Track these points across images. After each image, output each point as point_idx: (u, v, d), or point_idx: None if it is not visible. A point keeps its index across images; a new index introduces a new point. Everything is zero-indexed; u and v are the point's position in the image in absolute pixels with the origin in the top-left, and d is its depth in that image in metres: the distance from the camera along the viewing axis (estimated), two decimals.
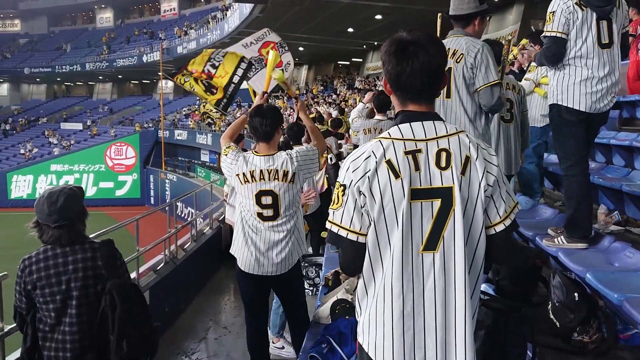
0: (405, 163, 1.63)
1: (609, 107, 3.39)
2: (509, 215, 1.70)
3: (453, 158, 1.63)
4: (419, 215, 1.62)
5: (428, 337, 1.63)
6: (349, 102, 20.65)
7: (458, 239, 1.62)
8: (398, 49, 1.66)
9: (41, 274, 2.53)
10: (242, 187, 3.37)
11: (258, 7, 20.66)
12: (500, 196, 1.69)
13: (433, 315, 1.63)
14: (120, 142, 32.48)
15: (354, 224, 1.66)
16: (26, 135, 41.37)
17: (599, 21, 3.27)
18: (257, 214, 3.37)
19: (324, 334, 3.34)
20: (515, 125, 4.23)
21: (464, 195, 1.63)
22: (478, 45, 3.12)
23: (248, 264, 3.43)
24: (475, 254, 1.67)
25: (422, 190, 1.62)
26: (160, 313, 5.41)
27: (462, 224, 1.62)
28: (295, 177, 3.39)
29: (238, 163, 3.38)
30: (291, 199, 3.41)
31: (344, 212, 1.67)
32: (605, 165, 5.10)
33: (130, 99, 48.39)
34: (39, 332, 2.60)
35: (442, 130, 1.68)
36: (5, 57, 49.07)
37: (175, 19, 45.31)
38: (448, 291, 1.63)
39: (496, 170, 1.68)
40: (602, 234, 3.60)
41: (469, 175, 1.64)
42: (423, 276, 1.63)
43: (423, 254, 1.63)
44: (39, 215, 2.57)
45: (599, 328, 2.77)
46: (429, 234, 1.62)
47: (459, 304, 1.63)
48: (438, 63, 1.67)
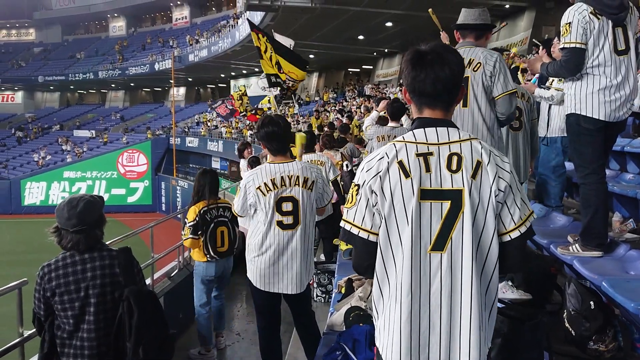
0: (417, 164, 1.67)
1: (628, 115, 3.36)
2: (524, 222, 1.71)
3: (464, 162, 1.67)
4: (428, 215, 1.66)
5: (432, 336, 1.66)
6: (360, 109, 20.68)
7: (466, 241, 1.65)
8: (415, 57, 1.73)
9: (60, 281, 2.57)
10: (264, 199, 3.36)
11: (269, 15, 20.80)
12: (515, 203, 1.70)
13: (438, 315, 1.66)
14: (132, 149, 32.76)
15: (365, 222, 1.72)
16: (40, 143, 41.85)
17: (614, 28, 3.26)
18: (277, 222, 3.38)
19: (337, 341, 3.34)
20: (524, 133, 4.22)
21: (474, 199, 1.66)
22: (495, 55, 3.15)
23: (267, 283, 3.45)
24: (487, 258, 1.69)
25: (432, 192, 1.66)
26: (174, 319, 5.44)
27: (472, 227, 1.65)
28: (313, 186, 3.43)
29: (256, 179, 3.38)
30: (310, 207, 3.44)
31: (356, 211, 1.73)
32: (619, 173, 5.08)
33: (142, 107, 48.83)
34: (57, 338, 2.63)
35: (454, 135, 1.72)
36: (20, 65, 49.81)
37: (186, 27, 45.73)
38: (454, 292, 1.65)
39: (509, 177, 1.70)
40: (617, 242, 3.57)
41: (479, 180, 1.67)
42: (430, 276, 1.66)
43: (431, 253, 1.66)
44: (58, 220, 2.62)
45: (615, 337, 2.76)
46: (437, 234, 1.66)
47: (464, 306, 1.65)
48: (454, 72, 1.71)
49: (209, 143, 31.84)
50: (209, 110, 36.24)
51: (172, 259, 6.42)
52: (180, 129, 36.25)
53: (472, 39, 3.25)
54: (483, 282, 1.69)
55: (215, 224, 4.83)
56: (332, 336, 3.54)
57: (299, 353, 4.10)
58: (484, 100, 3.14)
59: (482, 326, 1.67)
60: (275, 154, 3.46)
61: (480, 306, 1.67)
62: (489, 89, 3.13)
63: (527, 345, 2.40)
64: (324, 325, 3.82)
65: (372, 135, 6.02)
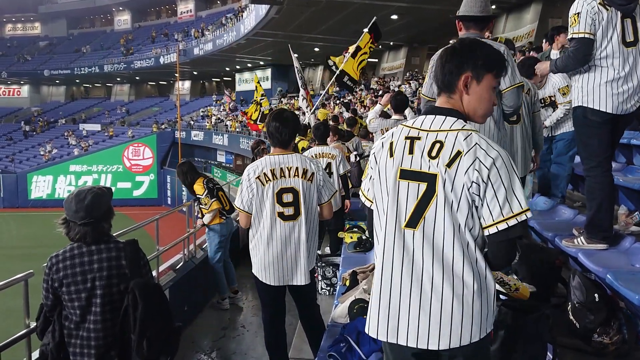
0: (402, 145, 1.83)
1: (636, 107, 3.33)
2: (506, 220, 1.70)
3: (443, 150, 1.75)
4: (405, 193, 1.80)
5: (400, 308, 1.77)
6: (365, 102, 20.65)
7: (439, 221, 1.74)
8: (445, 50, 1.91)
9: (67, 272, 2.59)
10: (262, 189, 3.38)
11: (274, 8, 20.75)
12: (496, 198, 1.70)
13: (408, 287, 1.76)
14: (137, 143, 32.86)
15: (369, 192, 1.95)
16: (46, 137, 42.03)
17: (623, 19, 3.23)
18: (278, 213, 3.39)
19: (342, 334, 3.35)
20: (522, 127, 4.11)
21: (447, 186, 1.73)
22: (502, 47, 3.11)
23: (272, 277, 3.46)
24: (465, 244, 1.73)
25: (410, 172, 1.79)
26: (179, 312, 5.48)
27: (444, 210, 1.73)
28: (314, 178, 3.43)
29: (257, 170, 3.40)
30: (311, 199, 3.44)
31: (366, 182, 1.98)
32: (625, 166, 5.05)
33: (148, 100, 48.90)
34: (64, 329, 2.65)
35: (446, 125, 1.80)
36: (26, 59, 49.93)
37: (191, 20, 45.66)
38: (425, 268, 1.74)
39: (487, 172, 1.70)
40: (622, 235, 3.56)
41: (455, 169, 1.73)
42: (403, 249, 1.78)
43: (405, 230, 1.78)
44: (67, 212, 2.64)
45: (619, 329, 2.75)
46: (412, 212, 1.78)
47: (436, 282, 1.73)
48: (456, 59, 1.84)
49: (214, 136, 31.89)
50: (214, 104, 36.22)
51: (177, 251, 6.45)
52: (185, 123, 36.29)
53: (476, 31, 3.21)
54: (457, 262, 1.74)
55: (217, 190, 5.98)
56: (336, 328, 3.55)
57: (303, 345, 4.12)
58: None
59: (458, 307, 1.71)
60: (276, 146, 3.48)
61: (451, 285, 1.72)
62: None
63: (530, 337, 2.40)
64: (328, 317, 3.83)
65: (375, 129, 6.01)
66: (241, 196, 3.43)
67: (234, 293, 6.37)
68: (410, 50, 27.27)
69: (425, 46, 27.21)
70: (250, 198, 3.40)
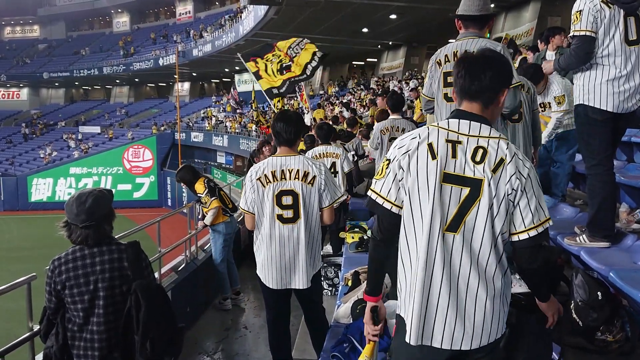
0: (444, 149, 1.82)
1: (637, 106, 3.33)
2: (536, 227, 1.83)
3: (488, 156, 1.80)
4: (447, 197, 1.80)
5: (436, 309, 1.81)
6: (364, 101, 20.65)
7: (479, 226, 1.79)
8: (464, 57, 1.94)
9: (70, 274, 2.59)
10: (263, 191, 3.38)
11: (273, 8, 20.74)
12: (529, 207, 1.82)
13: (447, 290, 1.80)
14: (137, 145, 32.85)
15: (391, 194, 1.89)
16: (45, 139, 42.05)
17: (626, 18, 3.22)
18: (277, 216, 3.38)
19: (345, 334, 3.35)
20: (524, 125, 4.14)
21: (492, 191, 1.79)
22: (499, 46, 3.11)
23: (271, 280, 3.46)
24: (497, 246, 1.82)
25: (454, 176, 1.80)
26: (182, 313, 5.48)
27: (486, 215, 1.79)
28: (315, 181, 3.40)
29: (259, 171, 3.40)
30: (311, 202, 3.41)
31: (384, 183, 1.90)
32: (626, 164, 5.05)
33: (147, 102, 48.93)
34: (67, 331, 2.65)
35: (485, 132, 1.85)
36: (25, 62, 49.94)
37: (190, 22, 45.67)
38: (462, 271, 1.80)
39: (524, 181, 1.81)
40: (624, 233, 3.56)
41: (499, 175, 1.80)
42: (444, 253, 1.80)
43: (446, 233, 1.80)
44: (68, 215, 2.64)
45: (622, 327, 2.75)
46: (453, 216, 1.80)
47: (471, 285, 1.79)
48: (494, 75, 1.86)
49: (214, 138, 31.88)
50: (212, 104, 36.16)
51: (178, 253, 6.45)
52: (184, 124, 36.28)
53: (475, 29, 3.20)
54: (491, 265, 1.82)
55: (218, 189, 6.10)
56: (339, 328, 3.55)
57: (306, 345, 4.13)
58: None
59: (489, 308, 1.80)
60: (281, 145, 3.48)
61: (485, 287, 1.80)
62: None
63: (535, 336, 2.41)
64: (330, 317, 3.83)
65: (377, 134, 5.94)
66: (245, 197, 3.44)
67: (236, 294, 6.39)
68: (409, 50, 27.27)
69: (424, 45, 27.21)
70: (253, 199, 3.40)
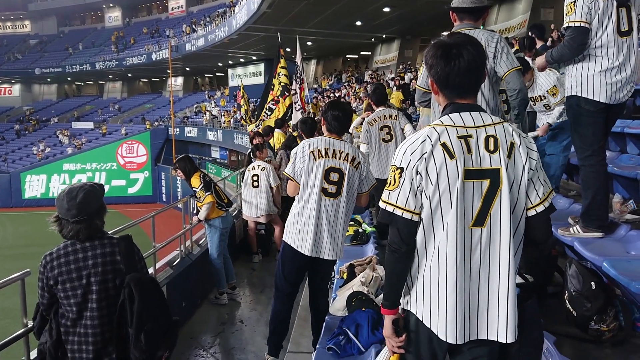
0: (459, 146, 1.80)
1: (628, 97, 3.35)
2: (547, 197, 1.86)
3: (500, 143, 1.81)
4: (471, 193, 1.79)
5: (473, 305, 1.81)
6: (359, 94, 20.62)
7: (504, 215, 1.80)
8: (444, 52, 1.82)
9: (62, 269, 2.58)
10: (314, 163, 3.56)
11: (265, 2, 20.63)
12: (539, 180, 1.86)
13: (477, 285, 1.81)
14: (131, 140, 32.74)
15: (409, 203, 1.82)
16: (38, 135, 41.80)
17: (618, 9, 3.22)
18: (322, 189, 3.57)
19: (340, 326, 3.37)
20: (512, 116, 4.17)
21: (510, 177, 1.80)
22: (496, 35, 3.12)
23: (306, 246, 3.59)
24: (517, 231, 1.84)
25: (474, 171, 1.79)
26: (177, 308, 5.47)
27: (508, 202, 1.79)
28: (359, 166, 3.63)
29: (312, 144, 3.61)
30: (353, 182, 3.63)
31: (400, 193, 1.83)
32: (619, 154, 5.08)
33: (140, 97, 48.68)
34: (61, 326, 2.64)
35: (487, 119, 1.85)
36: (17, 58, 49.57)
37: (183, 16, 45.42)
38: (492, 263, 1.80)
39: (536, 156, 1.86)
40: (617, 223, 3.59)
41: (514, 159, 1.82)
42: (471, 249, 1.80)
43: (472, 229, 1.80)
44: (59, 210, 2.62)
45: (616, 317, 2.78)
46: (478, 211, 1.80)
47: (502, 275, 1.80)
48: (480, 60, 1.84)
49: (208, 133, 31.79)
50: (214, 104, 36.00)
51: (173, 248, 6.44)
52: (178, 119, 36.14)
53: (470, 21, 3.20)
54: (517, 253, 1.85)
55: (213, 184, 6.06)
56: (335, 321, 3.57)
57: (302, 339, 4.14)
58: (486, 83, 3.11)
59: (515, 291, 1.82)
60: (332, 132, 3.69)
61: (515, 275, 1.82)
62: (492, 71, 3.10)
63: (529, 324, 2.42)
64: None
65: (365, 126, 5.86)
66: (293, 165, 3.62)
67: (232, 289, 6.41)
68: (403, 43, 27.22)
69: (418, 38, 27.15)
70: (301, 168, 3.59)
